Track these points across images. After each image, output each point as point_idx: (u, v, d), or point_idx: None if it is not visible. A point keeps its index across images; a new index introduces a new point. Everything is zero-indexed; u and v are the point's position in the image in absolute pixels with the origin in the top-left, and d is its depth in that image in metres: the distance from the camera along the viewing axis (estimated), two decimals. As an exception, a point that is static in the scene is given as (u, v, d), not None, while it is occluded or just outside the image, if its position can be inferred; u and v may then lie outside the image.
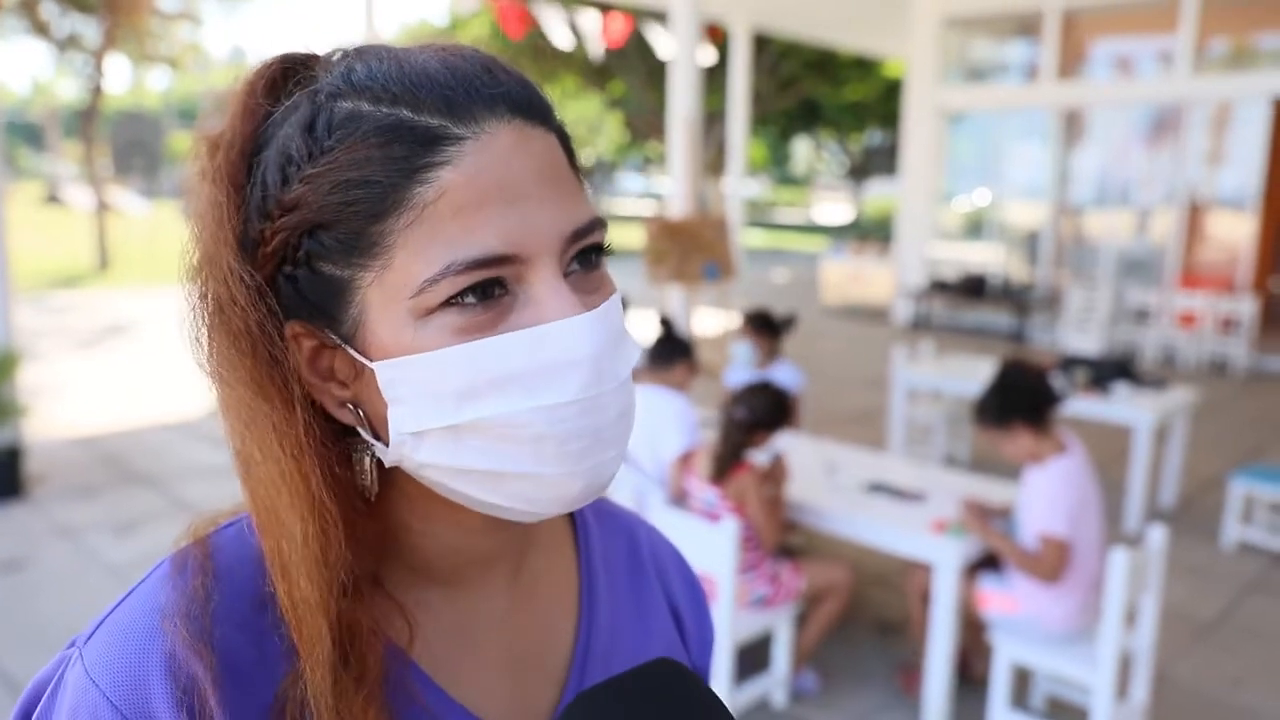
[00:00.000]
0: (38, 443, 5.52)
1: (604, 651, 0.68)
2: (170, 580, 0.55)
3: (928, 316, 11.51)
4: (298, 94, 0.54)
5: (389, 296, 0.51)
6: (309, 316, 0.54)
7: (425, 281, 0.50)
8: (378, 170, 0.50)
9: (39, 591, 3.93)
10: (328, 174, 0.51)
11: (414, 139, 0.50)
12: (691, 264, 6.60)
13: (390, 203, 0.50)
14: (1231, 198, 9.94)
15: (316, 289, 0.53)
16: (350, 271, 0.52)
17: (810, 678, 3.29)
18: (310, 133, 0.52)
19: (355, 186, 0.50)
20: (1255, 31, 9.57)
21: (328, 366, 0.55)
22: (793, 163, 41.55)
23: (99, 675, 0.51)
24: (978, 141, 11.87)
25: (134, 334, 10.09)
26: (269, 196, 0.52)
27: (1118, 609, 2.57)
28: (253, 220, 0.53)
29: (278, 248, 0.52)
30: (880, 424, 6.63)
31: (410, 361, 0.51)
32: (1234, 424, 7.16)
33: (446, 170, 0.50)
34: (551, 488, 0.54)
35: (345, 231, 0.51)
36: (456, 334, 0.51)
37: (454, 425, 0.52)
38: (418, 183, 0.50)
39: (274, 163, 0.52)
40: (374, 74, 0.53)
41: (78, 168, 26.96)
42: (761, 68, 16.96)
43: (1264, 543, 4.66)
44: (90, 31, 16.15)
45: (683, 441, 3.39)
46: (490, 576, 0.63)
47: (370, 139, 0.50)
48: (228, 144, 0.54)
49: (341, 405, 0.55)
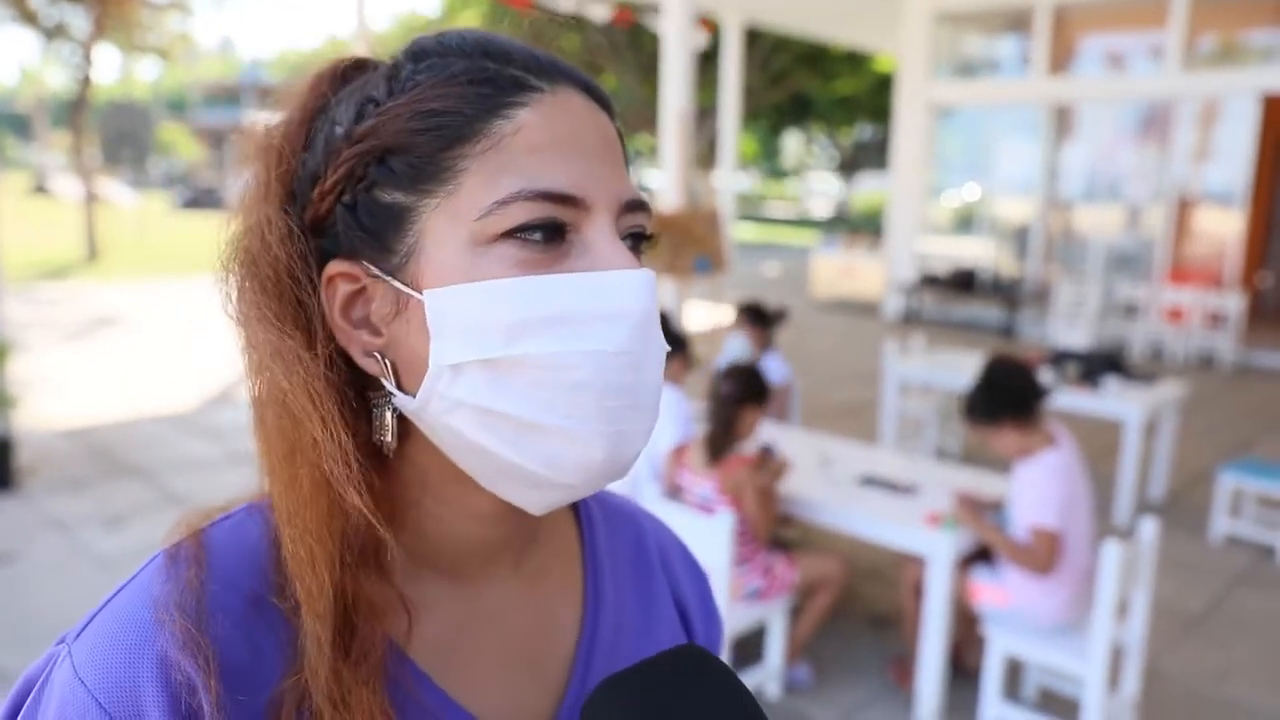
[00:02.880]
0: (27, 435, 5.48)
1: (608, 650, 0.67)
2: (164, 573, 0.53)
3: (918, 311, 11.55)
4: (368, 74, 0.57)
5: (453, 219, 0.52)
6: (359, 250, 0.54)
7: (495, 203, 0.51)
8: (461, 103, 0.53)
9: (29, 584, 3.91)
10: (411, 104, 0.53)
11: (500, 81, 0.54)
12: (683, 257, 6.60)
13: (470, 130, 0.52)
14: (1220, 193, 9.99)
15: (375, 216, 0.53)
16: (414, 198, 0.53)
17: (804, 670, 3.31)
18: (394, 78, 0.55)
19: (437, 115, 0.53)
20: (1244, 28, 9.61)
21: (362, 314, 0.55)
22: (783, 156, 41.55)
23: (88, 675, 0.49)
24: (968, 136, 11.90)
25: (123, 325, 10.03)
26: (335, 137, 0.54)
27: (1109, 602, 2.59)
28: (313, 162, 0.55)
29: (341, 178, 0.54)
30: (871, 418, 6.65)
31: (463, 290, 0.51)
32: (1222, 418, 7.21)
33: (525, 111, 0.53)
34: (576, 449, 0.52)
35: (418, 155, 0.53)
36: (514, 266, 0.51)
37: (496, 359, 0.51)
38: (499, 117, 0.53)
39: (348, 107, 0.55)
40: (461, 36, 0.57)
41: (66, 158, 26.79)
42: (753, 62, 16.94)
43: (1252, 536, 4.70)
44: (79, 21, 16.00)
45: (677, 434, 3.40)
46: (493, 570, 0.62)
47: (459, 78, 0.54)
48: (288, 118, 0.57)
49: (368, 355, 0.55)
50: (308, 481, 0.53)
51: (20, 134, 39.76)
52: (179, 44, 20.25)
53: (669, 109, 6.46)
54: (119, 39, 18.07)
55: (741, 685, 0.53)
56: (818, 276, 13.58)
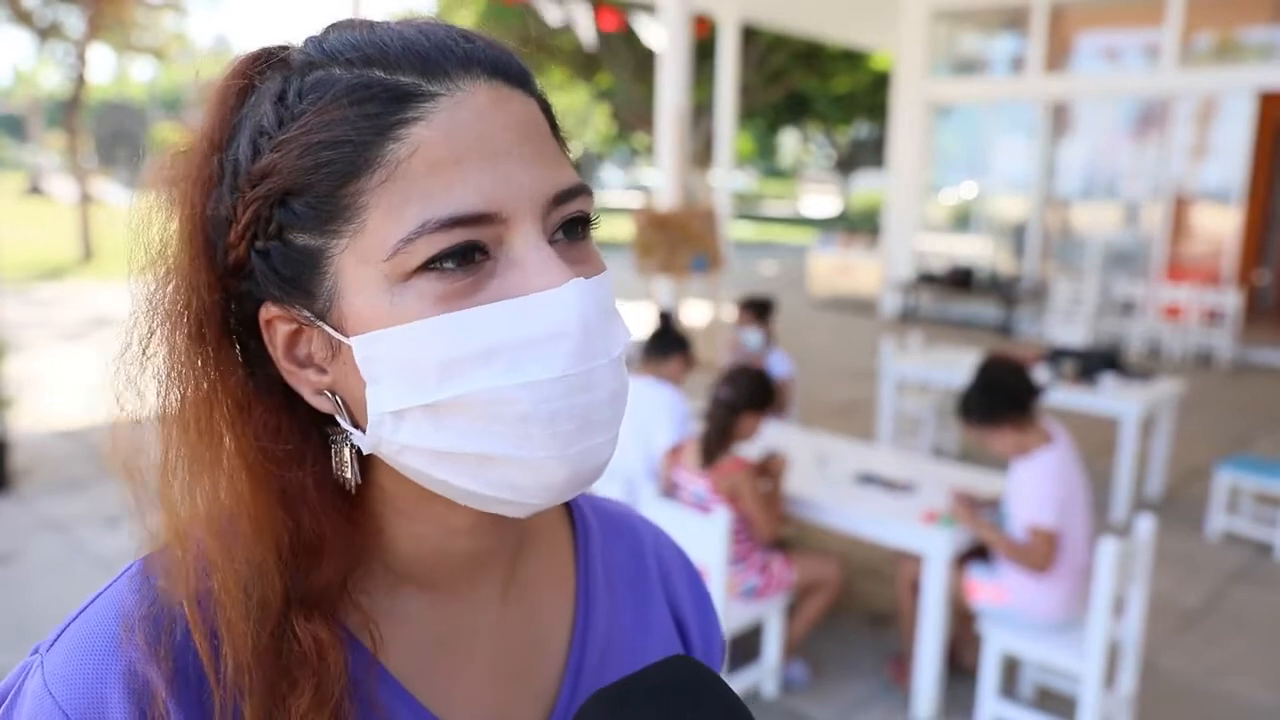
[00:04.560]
0: (24, 435, 5.47)
1: (598, 664, 0.65)
2: (135, 583, 0.53)
3: (915, 308, 11.55)
4: (270, 75, 0.52)
5: (363, 261, 0.48)
6: (284, 295, 0.51)
7: (400, 241, 0.47)
8: (349, 129, 0.48)
9: (26, 585, 3.90)
10: (298, 138, 0.49)
11: (386, 96, 0.48)
12: (680, 256, 6.60)
13: (362, 161, 0.48)
14: (1217, 191, 10.00)
15: (289, 262, 0.50)
16: (323, 240, 0.49)
17: (800, 668, 3.31)
18: (281, 102, 0.50)
19: (325, 148, 0.48)
20: (1240, 25, 9.62)
21: (305, 352, 0.52)
22: (780, 155, 41.56)
23: (56, 687, 0.50)
24: (965, 134, 11.90)
25: (119, 326, 10.01)
26: (240, 171, 0.50)
27: (1106, 599, 2.59)
28: (224, 199, 0.51)
29: (249, 221, 0.50)
30: (867, 415, 6.65)
31: (387, 335, 0.48)
32: (1219, 415, 7.21)
33: (420, 126, 0.48)
34: (536, 473, 0.50)
35: (316, 195, 0.49)
36: (436, 302, 0.48)
37: (434, 403, 0.49)
38: (390, 139, 0.48)
39: (246, 138, 0.50)
40: (345, 40, 0.51)
41: (60, 158, 26.72)
42: (749, 60, 16.93)
43: (1249, 532, 4.70)
44: (73, 20, 15.96)
45: (673, 435, 3.39)
46: (479, 582, 0.60)
47: (341, 99, 0.48)
48: (197, 137, 0.52)
49: (319, 392, 0.53)
50: (231, 553, 0.52)
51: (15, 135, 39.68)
52: (174, 44, 20.21)
53: (665, 107, 6.46)
54: (114, 39, 18.03)
55: (736, 698, 0.52)
56: (815, 274, 13.59)
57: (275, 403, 0.53)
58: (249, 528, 0.52)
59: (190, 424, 0.52)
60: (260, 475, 0.52)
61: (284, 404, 0.54)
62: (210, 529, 0.52)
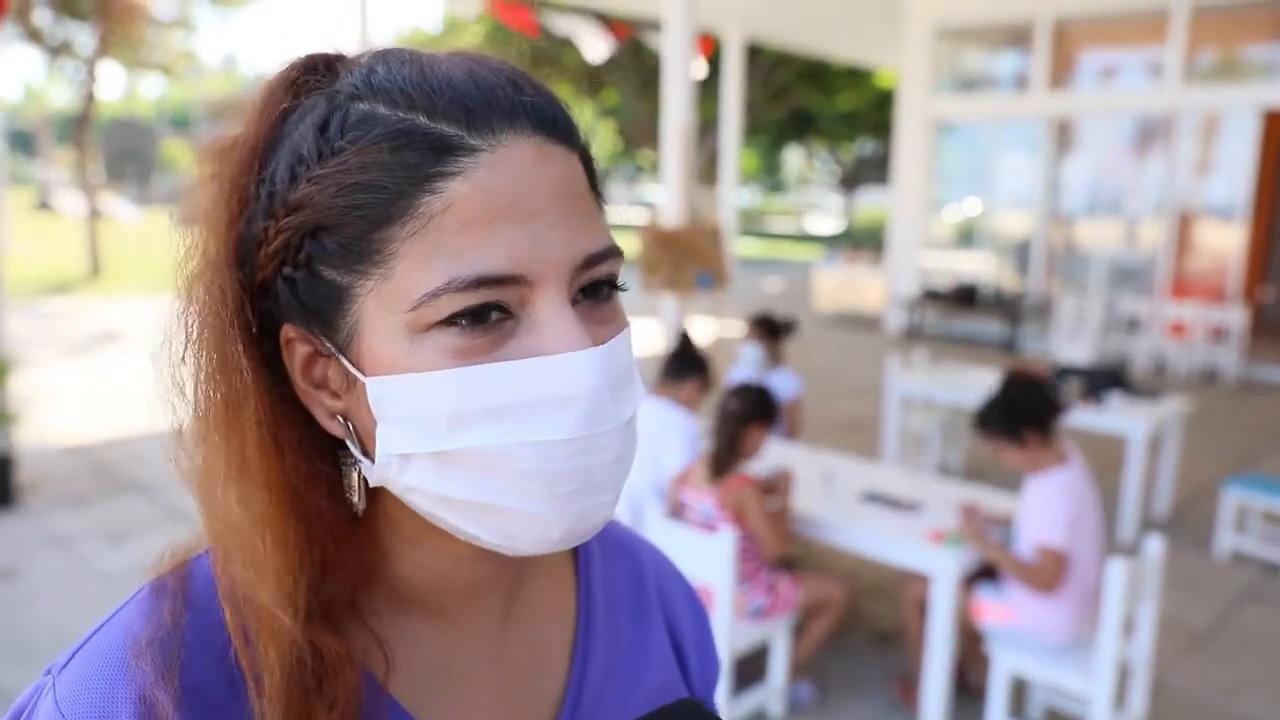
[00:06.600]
0: (29, 451, 5.48)
1: (598, 689, 0.66)
2: (145, 608, 0.54)
3: (920, 325, 11.54)
4: (317, 94, 0.52)
5: (386, 307, 0.49)
6: (305, 322, 0.52)
7: (425, 295, 0.48)
8: (386, 175, 0.48)
9: (31, 601, 3.90)
10: (335, 175, 0.49)
11: (427, 146, 0.49)
12: (685, 273, 6.60)
13: (395, 210, 0.48)
14: (1221, 208, 10.00)
15: (315, 293, 0.51)
16: (350, 278, 0.50)
17: (806, 688, 3.29)
18: (323, 133, 0.50)
19: (361, 190, 0.49)
20: (1244, 43, 9.64)
21: (321, 375, 0.53)
22: (784, 172, 41.64)
23: (68, 709, 0.51)
24: (969, 151, 11.92)
25: (125, 341, 10.04)
26: (276, 195, 0.51)
27: (1116, 619, 2.58)
28: (257, 219, 0.51)
29: (279, 248, 0.51)
30: (872, 433, 6.64)
31: (402, 381, 0.49)
32: (1226, 433, 7.18)
33: (457, 181, 0.48)
34: (533, 527, 0.51)
35: (347, 236, 0.49)
36: (453, 356, 0.49)
37: (441, 452, 0.50)
38: (426, 192, 0.48)
39: (285, 161, 0.51)
40: (394, 77, 0.51)
41: (70, 174, 26.89)
42: (754, 77, 17.01)
43: (1257, 551, 4.67)
44: (83, 38, 16.08)
45: (684, 457, 3.39)
46: (481, 608, 0.61)
47: (382, 143, 0.49)
48: (239, 144, 0.52)
49: (332, 416, 0.53)
50: (257, 547, 0.52)
51: (25, 150, 39.93)
52: (183, 61, 20.35)
53: (670, 124, 6.48)
54: (123, 56, 18.15)
55: None
56: (819, 291, 13.59)
57: (298, 416, 0.54)
58: (270, 537, 0.52)
59: (219, 430, 0.53)
60: (280, 487, 0.53)
61: (305, 419, 0.55)
62: (236, 538, 0.53)
